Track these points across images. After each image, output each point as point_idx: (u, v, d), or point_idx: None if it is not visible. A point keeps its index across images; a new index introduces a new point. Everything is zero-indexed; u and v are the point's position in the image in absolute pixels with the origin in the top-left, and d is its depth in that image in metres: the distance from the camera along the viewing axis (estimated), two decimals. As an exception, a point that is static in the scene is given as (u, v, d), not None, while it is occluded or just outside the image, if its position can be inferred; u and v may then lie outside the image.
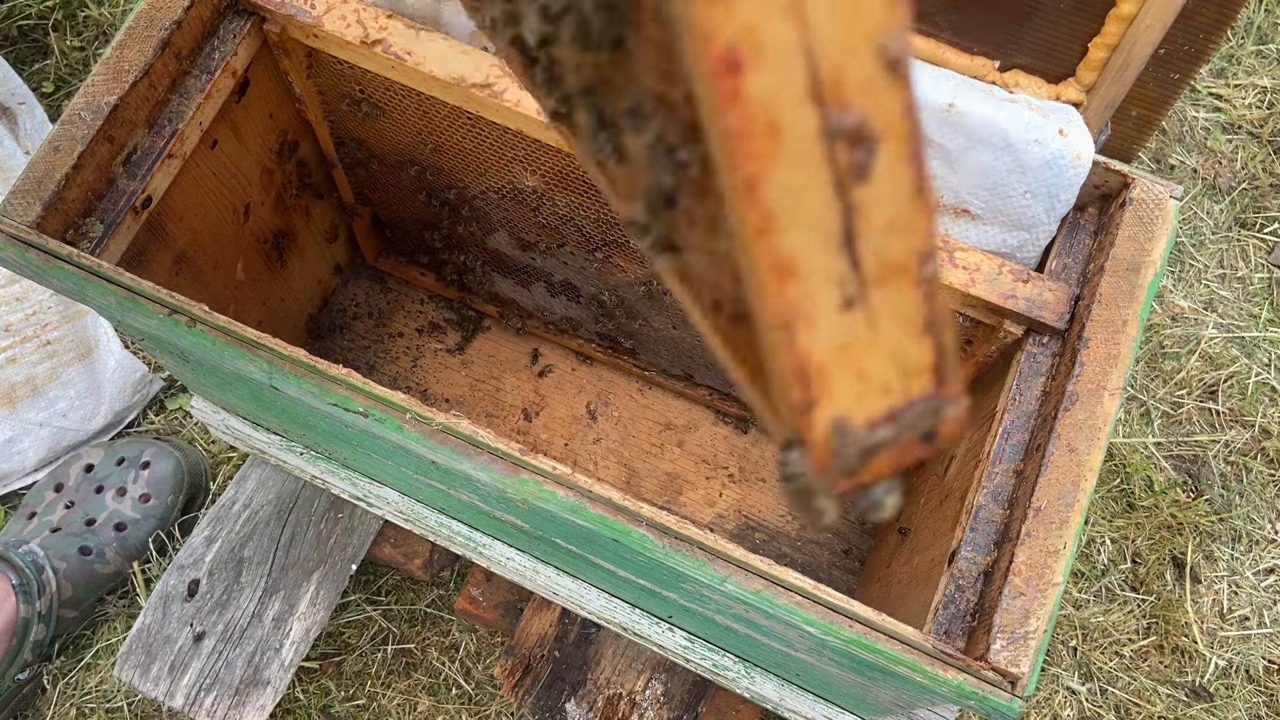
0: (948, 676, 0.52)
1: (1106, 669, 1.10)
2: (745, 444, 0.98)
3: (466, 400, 0.99)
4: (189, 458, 1.12)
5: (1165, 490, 1.18)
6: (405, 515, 0.88)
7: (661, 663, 0.95)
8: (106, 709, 1.05)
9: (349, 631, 1.09)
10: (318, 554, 1.02)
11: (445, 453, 0.57)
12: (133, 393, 1.16)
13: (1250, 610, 1.14)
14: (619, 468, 0.97)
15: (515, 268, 0.92)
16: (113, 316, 0.65)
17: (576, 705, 0.94)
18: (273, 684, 0.97)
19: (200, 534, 1.03)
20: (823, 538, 0.95)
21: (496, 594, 1.01)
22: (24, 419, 1.12)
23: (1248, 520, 1.17)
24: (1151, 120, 0.92)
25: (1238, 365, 1.24)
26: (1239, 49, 1.40)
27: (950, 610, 0.57)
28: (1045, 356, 0.62)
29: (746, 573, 0.55)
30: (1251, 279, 1.29)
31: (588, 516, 0.56)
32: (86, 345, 1.15)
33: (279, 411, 0.76)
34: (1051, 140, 0.60)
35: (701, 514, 0.96)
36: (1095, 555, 1.15)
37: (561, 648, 0.96)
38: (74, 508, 1.07)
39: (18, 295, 1.06)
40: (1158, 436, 1.21)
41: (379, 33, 0.65)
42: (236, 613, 1.00)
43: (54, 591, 1.01)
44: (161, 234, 0.71)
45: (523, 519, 0.68)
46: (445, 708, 1.06)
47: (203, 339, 0.59)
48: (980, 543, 0.59)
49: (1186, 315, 1.27)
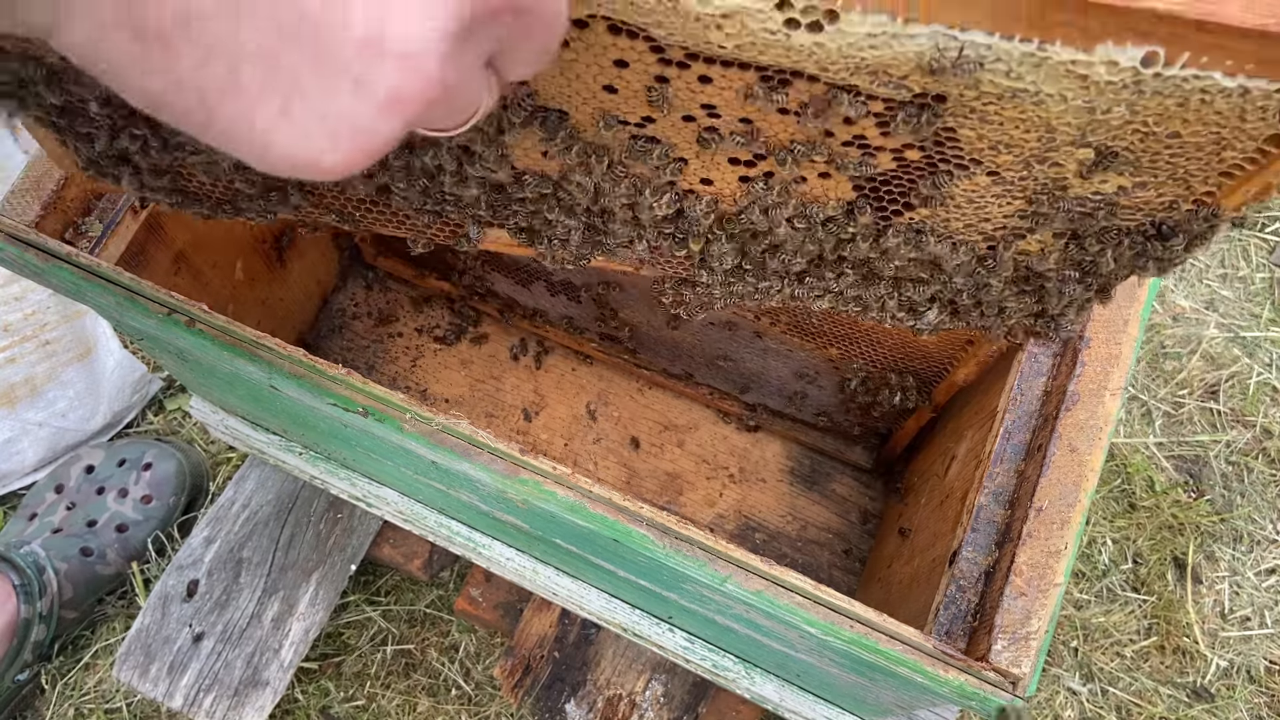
0: (949, 677, 0.52)
1: (1108, 669, 1.10)
2: (745, 444, 0.98)
3: (466, 400, 0.99)
4: (190, 459, 1.12)
5: (1166, 490, 1.17)
6: (405, 515, 0.88)
7: (661, 663, 0.95)
8: (105, 709, 1.05)
9: (348, 632, 1.09)
10: (317, 554, 1.02)
11: (445, 453, 0.57)
12: (132, 393, 1.16)
13: (1251, 610, 1.13)
14: (619, 468, 0.97)
15: (514, 267, 0.92)
16: (112, 316, 0.65)
17: (576, 706, 0.94)
18: (272, 684, 0.97)
19: (199, 534, 1.03)
20: (823, 538, 0.95)
21: (496, 594, 1.01)
22: (23, 419, 1.12)
23: (1249, 520, 1.17)
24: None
25: (1239, 365, 1.23)
26: (1240, 48, 1.40)
27: (951, 611, 0.57)
28: (1046, 356, 0.62)
29: (747, 573, 0.55)
30: (1253, 279, 1.29)
31: (588, 516, 0.55)
32: (85, 345, 1.15)
33: (279, 411, 0.76)
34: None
35: (702, 514, 0.96)
36: (1096, 556, 1.15)
37: (561, 648, 0.96)
38: (75, 509, 1.07)
39: (16, 295, 1.06)
40: (1159, 436, 1.21)
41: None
42: (235, 613, 1.00)
43: (55, 592, 1.01)
44: (160, 233, 0.71)
45: (523, 519, 0.68)
46: (445, 708, 1.06)
47: (202, 339, 0.59)
48: (981, 543, 0.58)
49: (1188, 315, 1.26)
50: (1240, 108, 0.35)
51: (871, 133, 0.41)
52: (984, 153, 0.41)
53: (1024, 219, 0.44)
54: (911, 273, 0.50)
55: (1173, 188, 0.41)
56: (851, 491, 0.96)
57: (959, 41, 0.34)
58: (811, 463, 0.97)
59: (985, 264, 0.48)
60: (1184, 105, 0.36)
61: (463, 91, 0.25)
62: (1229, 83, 0.34)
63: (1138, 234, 0.44)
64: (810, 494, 0.96)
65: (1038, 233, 0.45)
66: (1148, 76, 0.34)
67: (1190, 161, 0.39)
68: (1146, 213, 0.43)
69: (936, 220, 0.46)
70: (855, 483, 0.97)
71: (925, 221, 0.46)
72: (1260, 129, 0.37)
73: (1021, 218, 0.44)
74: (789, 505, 0.96)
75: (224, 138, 0.23)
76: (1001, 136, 0.40)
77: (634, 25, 0.37)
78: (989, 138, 0.40)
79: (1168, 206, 0.42)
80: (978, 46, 0.34)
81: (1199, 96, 0.35)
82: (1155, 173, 0.40)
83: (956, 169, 0.42)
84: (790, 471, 0.97)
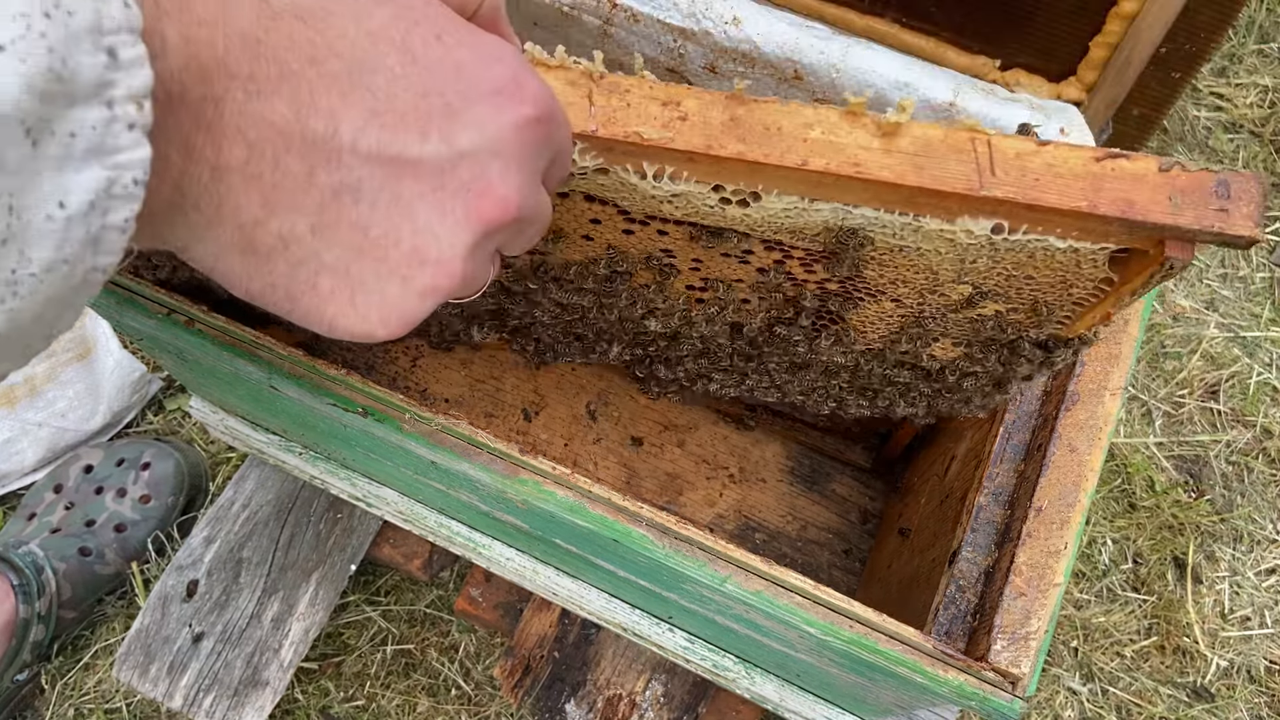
0: (948, 677, 0.52)
1: (1108, 669, 1.10)
2: (745, 444, 0.98)
3: (466, 400, 0.99)
4: (189, 458, 1.12)
5: (1166, 490, 1.17)
6: (405, 515, 0.88)
7: (661, 663, 0.95)
8: (105, 710, 1.05)
9: (348, 632, 1.09)
10: (317, 554, 1.02)
11: (445, 453, 0.57)
12: (131, 393, 1.16)
13: (1252, 610, 1.13)
14: (619, 468, 0.97)
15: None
16: (111, 316, 0.65)
17: (576, 706, 0.94)
18: (271, 685, 0.97)
19: (199, 534, 1.03)
20: (823, 538, 0.95)
21: (496, 594, 1.00)
22: (23, 419, 1.12)
23: (1249, 520, 1.17)
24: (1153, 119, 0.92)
25: (1239, 365, 1.23)
26: (1240, 48, 1.40)
27: (951, 611, 0.57)
28: (1046, 356, 0.62)
29: (747, 573, 0.55)
30: (1253, 278, 1.29)
31: (588, 517, 0.55)
32: (85, 345, 1.15)
33: (278, 411, 0.76)
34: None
35: (701, 514, 0.96)
36: (1096, 555, 1.15)
37: (561, 648, 0.96)
38: (74, 509, 1.07)
39: (17, 295, 1.06)
40: (1159, 436, 1.20)
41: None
42: (235, 613, 1.00)
43: (53, 592, 1.01)
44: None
45: (522, 519, 0.68)
46: (445, 708, 1.06)
47: (202, 339, 0.59)
48: (981, 543, 0.58)
49: (1188, 315, 1.26)
50: (1075, 259, 0.46)
51: (798, 271, 0.53)
52: (886, 286, 0.52)
53: (927, 331, 0.56)
54: (838, 367, 0.62)
55: (1036, 313, 0.52)
56: (851, 491, 0.96)
57: (854, 214, 0.45)
58: (811, 463, 0.97)
59: (898, 364, 0.60)
60: (1032, 257, 0.46)
61: (477, 276, 0.36)
62: (1060, 244, 0.45)
63: (1016, 345, 0.55)
64: (810, 494, 0.96)
65: (940, 341, 0.57)
66: (998, 240, 0.45)
67: (1046, 295, 0.50)
68: (1020, 329, 0.54)
69: (857, 330, 0.58)
70: (855, 483, 0.96)
71: (849, 330, 0.58)
72: (1094, 273, 0.47)
73: (924, 330, 0.56)
74: (789, 505, 0.96)
75: (302, 319, 0.34)
76: (897, 276, 0.51)
77: (603, 196, 0.48)
78: (888, 276, 0.51)
79: (1035, 326, 0.53)
80: (868, 217, 0.45)
81: (1042, 252, 0.46)
82: (1020, 302, 0.51)
83: (867, 296, 0.54)
84: (790, 471, 0.97)
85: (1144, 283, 0.46)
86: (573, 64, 0.43)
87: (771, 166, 0.43)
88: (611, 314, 0.60)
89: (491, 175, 0.33)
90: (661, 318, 0.59)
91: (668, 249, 0.53)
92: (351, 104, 0.30)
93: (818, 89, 0.63)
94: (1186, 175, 0.42)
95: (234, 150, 0.29)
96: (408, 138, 0.31)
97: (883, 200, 0.44)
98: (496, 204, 0.34)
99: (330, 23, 0.30)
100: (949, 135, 0.42)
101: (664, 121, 0.42)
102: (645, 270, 0.55)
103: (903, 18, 0.66)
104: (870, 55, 0.61)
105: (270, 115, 0.29)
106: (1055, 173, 0.42)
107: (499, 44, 0.35)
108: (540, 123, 0.35)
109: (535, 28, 0.69)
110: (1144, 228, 0.43)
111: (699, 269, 0.55)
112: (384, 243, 0.32)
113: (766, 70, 0.63)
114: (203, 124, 0.28)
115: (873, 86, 0.61)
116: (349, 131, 0.30)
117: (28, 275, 0.24)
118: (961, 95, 0.61)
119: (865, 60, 0.61)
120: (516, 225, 0.35)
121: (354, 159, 0.31)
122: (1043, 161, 0.42)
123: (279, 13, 0.29)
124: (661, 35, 0.64)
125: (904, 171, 0.42)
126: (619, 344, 0.68)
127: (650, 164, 0.44)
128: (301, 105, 0.30)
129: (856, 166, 0.42)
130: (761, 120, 0.43)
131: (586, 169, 0.45)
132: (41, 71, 0.22)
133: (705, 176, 0.45)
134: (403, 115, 0.31)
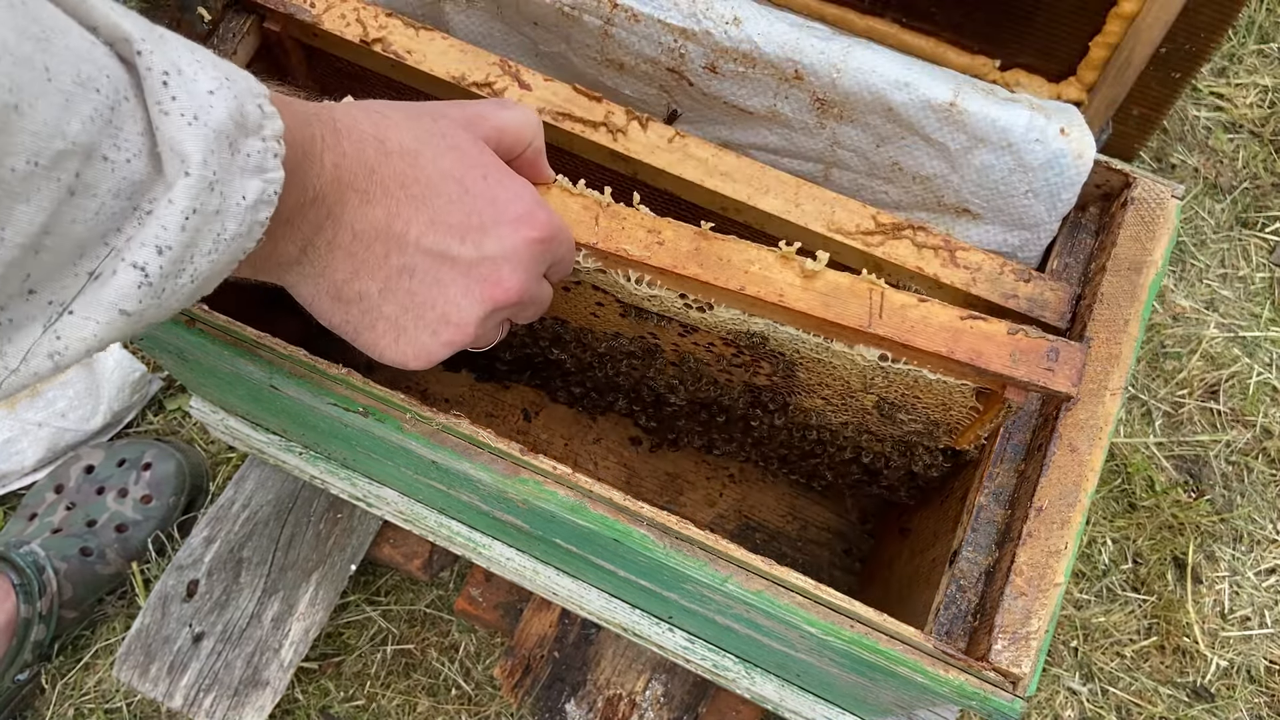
0: (949, 677, 0.52)
1: (1108, 669, 1.10)
2: (746, 444, 0.98)
3: (466, 400, 0.98)
4: (190, 459, 1.12)
5: (1166, 490, 1.17)
6: (405, 515, 0.88)
7: (662, 663, 0.95)
8: (105, 709, 1.05)
9: (348, 632, 1.09)
10: (317, 554, 1.02)
11: (445, 453, 0.57)
12: (131, 393, 1.16)
13: (1252, 610, 1.13)
14: (619, 468, 0.97)
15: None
16: (111, 316, 0.65)
17: (576, 706, 0.94)
18: (272, 684, 0.97)
19: (199, 534, 1.03)
20: (823, 538, 0.95)
21: (496, 594, 1.01)
22: (23, 419, 1.12)
23: (1249, 520, 1.17)
24: (1153, 119, 0.92)
25: (1239, 365, 1.23)
26: (1240, 48, 1.40)
27: (951, 610, 0.57)
28: (1046, 356, 0.62)
29: (747, 573, 0.55)
30: (1253, 278, 1.29)
31: (588, 516, 0.55)
32: (86, 345, 1.15)
33: (278, 411, 0.76)
34: (1053, 139, 0.60)
35: (702, 514, 0.96)
36: (1096, 555, 1.15)
37: (561, 648, 0.96)
38: (75, 509, 1.07)
39: (17, 295, 1.06)
40: (1159, 436, 1.21)
41: (378, 31, 0.65)
42: (235, 613, 1.00)
43: (54, 592, 1.01)
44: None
45: (523, 519, 0.68)
46: (445, 708, 1.06)
47: (202, 339, 0.59)
48: (981, 543, 0.58)
49: (1188, 315, 1.26)
50: (946, 389, 0.58)
51: (748, 362, 0.66)
52: (814, 386, 0.65)
53: (852, 424, 0.70)
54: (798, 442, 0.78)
55: (931, 426, 0.64)
56: (851, 491, 0.96)
57: (780, 330, 0.58)
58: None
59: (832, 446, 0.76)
60: (916, 382, 0.58)
61: (486, 336, 0.50)
62: (932, 376, 0.57)
63: (925, 447, 0.68)
64: (810, 494, 0.96)
65: (864, 434, 0.71)
66: (887, 365, 0.57)
67: (933, 412, 0.62)
68: (922, 437, 0.66)
69: (811, 415, 0.72)
70: (855, 483, 0.96)
71: (806, 414, 0.72)
72: (964, 400, 0.58)
73: (850, 423, 0.70)
74: (789, 505, 0.96)
75: (361, 347, 0.48)
76: (821, 380, 0.63)
77: (604, 288, 0.60)
78: (814, 379, 0.64)
79: (932, 436, 0.65)
80: (792, 334, 0.58)
81: (922, 379, 0.57)
82: (917, 416, 0.63)
83: (802, 392, 0.67)
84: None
85: (994, 415, 0.58)
86: (589, 193, 0.56)
87: (719, 287, 0.56)
88: (611, 371, 0.78)
89: (503, 272, 0.47)
90: (650, 381, 0.76)
91: (653, 332, 0.66)
92: (420, 215, 0.45)
93: (818, 89, 0.63)
94: (1028, 339, 0.54)
95: (343, 234, 0.44)
96: (451, 241, 0.46)
97: (800, 324, 0.57)
98: (504, 291, 0.47)
99: (418, 161, 0.45)
100: (854, 284, 0.55)
101: (646, 244, 0.56)
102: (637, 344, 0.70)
103: (903, 18, 0.66)
104: (870, 55, 0.61)
105: (371, 217, 0.44)
106: (927, 323, 0.54)
107: (525, 186, 0.49)
108: (543, 241, 0.49)
109: (536, 27, 0.69)
110: (988, 374, 0.54)
111: (677, 350, 0.69)
112: (424, 306, 0.46)
113: (767, 70, 0.63)
114: (329, 215, 0.43)
115: (873, 86, 0.61)
116: (415, 233, 0.45)
117: (225, 239, 0.37)
118: (962, 95, 0.61)
119: (866, 60, 0.61)
120: (519, 305, 0.49)
121: (415, 250, 0.45)
122: (919, 313, 0.54)
123: (390, 152, 0.45)
124: (662, 35, 0.64)
125: (815, 305, 0.55)
126: (624, 398, 0.88)
127: (634, 273, 0.57)
128: (390, 213, 0.44)
129: (780, 296, 0.55)
130: (717, 252, 0.56)
131: (589, 269, 0.57)
132: (233, 109, 0.35)
133: (674, 286, 0.58)
134: (451, 226, 0.46)
